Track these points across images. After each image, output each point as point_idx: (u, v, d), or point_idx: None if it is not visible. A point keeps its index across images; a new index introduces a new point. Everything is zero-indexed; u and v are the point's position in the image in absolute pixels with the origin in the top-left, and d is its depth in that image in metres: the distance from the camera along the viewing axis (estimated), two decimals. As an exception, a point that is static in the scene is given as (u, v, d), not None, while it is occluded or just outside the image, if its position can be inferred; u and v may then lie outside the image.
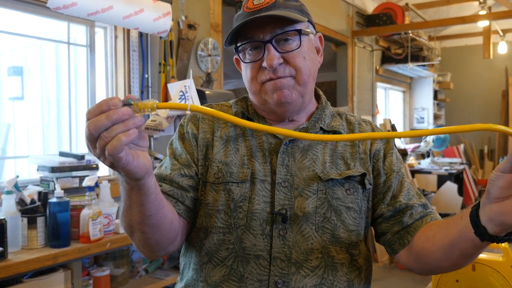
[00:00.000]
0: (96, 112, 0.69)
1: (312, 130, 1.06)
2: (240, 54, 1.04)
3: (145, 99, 0.72)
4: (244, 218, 0.98)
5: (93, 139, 0.69)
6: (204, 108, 0.74)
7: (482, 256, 1.19)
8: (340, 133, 1.08)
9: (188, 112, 0.73)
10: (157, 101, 0.71)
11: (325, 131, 1.08)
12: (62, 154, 2.37)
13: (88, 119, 0.69)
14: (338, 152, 1.05)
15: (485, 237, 0.81)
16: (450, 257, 0.92)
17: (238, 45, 1.03)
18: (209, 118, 1.07)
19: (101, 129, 0.68)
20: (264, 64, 0.98)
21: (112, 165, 0.72)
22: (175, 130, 1.11)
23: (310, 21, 1.07)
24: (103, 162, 0.72)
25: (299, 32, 1.01)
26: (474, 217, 0.82)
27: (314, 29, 1.09)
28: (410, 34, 6.21)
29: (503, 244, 1.16)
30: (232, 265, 0.97)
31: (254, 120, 1.08)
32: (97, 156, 0.72)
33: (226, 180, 1.00)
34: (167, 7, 2.60)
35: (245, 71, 1.05)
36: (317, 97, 1.15)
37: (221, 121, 1.07)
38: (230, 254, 0.98)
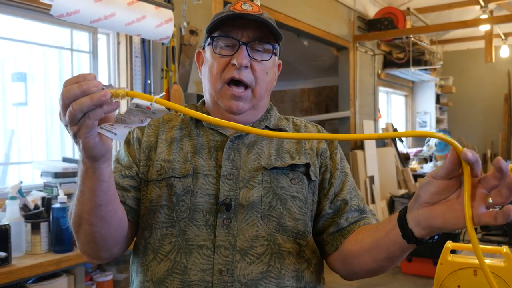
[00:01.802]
0: (72, 82, 0.72)
1: (258, 128, 1.09)
2: (213, 44, 1.06)
3: (118, 86, 0.75)
4: (186, 211, 0.99)
5: (64, 106, 0.72)
6: (169, 102, 0.76)
7: (485, 261, 1.19)
8: (286, 131, 1.11)
9: (149, 107, 0.74)
10: (128, 89, 0.74)
11: (270, 129, 1.10)
12: (65, 159, 2.39)
13: (63, 86, 0.73)
14: (283, 147, 1.08)
15: (412, 240, 0.84)
16: (377, 260, 0.94)
17: (215, 35, 1.06)
18: (156, 124, 1.10)
19: (71, 98, 0.71)
20: (234, 61, 1.01)
21: (75, 135, 0.74)
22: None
23: (279, 46, 1.12)
24: (70, 130, 0.75)
25: (273, 49, 1.07)
26: (402, 221, 0.85)
27: (278, 55, 1.15)
28: (412, 39, 6.23)
29: (504, 249, 1.16)
30: (176, 258, 0.97)
31: (201, 124, 1.10)
32: (64, 123, 0.74)
33: (168, 175, 1.01)
34: (169, 13, 2.62)
35: (211, 64, 1.06)
36: None
37: (166, 126, 1.10)
38: (174, 247, 0.98)
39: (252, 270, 0.96)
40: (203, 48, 1.13)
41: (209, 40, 1.08)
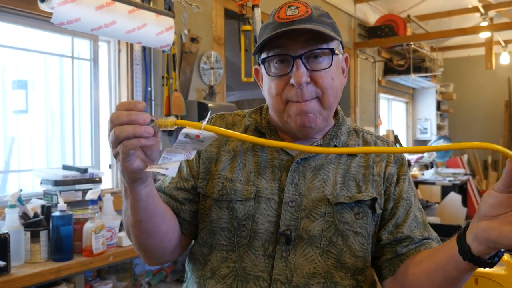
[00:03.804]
0: (123, 107, 0.77)
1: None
2: (264, 65, 0.98)
3: (166, 117, 0.78)
4: (247, 237, 0.97)
5: (110, 129, 0.77)
6: (218, 128, 0.78)
7: (485, 269, 1.18)
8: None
9: (199, 135, 0.77)
10: (175, 119, 0.77)
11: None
12: (65, 167, 2.38)
13: (116, 109, 0.78)
14: (350, 173, 1.01)
15: (468, 256, 0.80)
16: (433, 280, 0.90)
17: (264, 56, 0.97)
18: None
19: (117, 123, 0.76)
20: (292, 81, 0.93)
21: (115, 157, 0.79)
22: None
23: (340, 41, 1.02)
24: (112, 151, 0.79)
25: (332, 52, 0.96)
26: (461, 236, 0.82)
27: (343, 48, 1.05)
28: (412, 46, 6.24)
29: (506, 257, 1.15)
30: (232, 284, 0.96)
31: (266, 135, 1.05)
32: (109, 143, 0.79)
33: (230, 197, 0.98)
34: (170, 21, 2.62)
35: (269, 85, 0.99)
36: (335, 113, 1.10)
37: None
38: (231, 272, 0.97)
39: None
40: (258, 64, 1.04)
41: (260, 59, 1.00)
